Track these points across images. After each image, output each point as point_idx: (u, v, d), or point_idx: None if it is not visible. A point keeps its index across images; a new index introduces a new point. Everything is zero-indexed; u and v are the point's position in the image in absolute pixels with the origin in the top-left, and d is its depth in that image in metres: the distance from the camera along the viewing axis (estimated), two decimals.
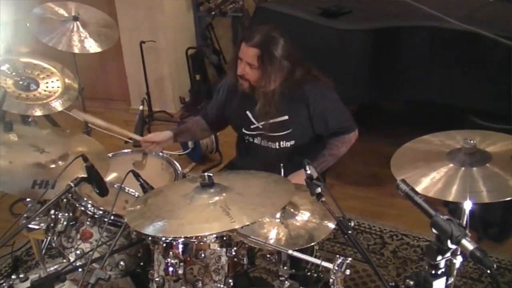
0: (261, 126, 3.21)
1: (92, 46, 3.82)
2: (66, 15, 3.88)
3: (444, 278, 1.80)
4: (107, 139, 5.09)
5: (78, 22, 3.83)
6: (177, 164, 3.38)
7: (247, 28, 5.00)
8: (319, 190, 2.34)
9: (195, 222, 1.98)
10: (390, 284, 2.00)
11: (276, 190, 2.21)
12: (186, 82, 5.69)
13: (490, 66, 3.85)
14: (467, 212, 2.12)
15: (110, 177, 3.01)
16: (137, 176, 2.44)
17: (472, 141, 2.30)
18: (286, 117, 3.14)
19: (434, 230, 1.74)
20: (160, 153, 3.48)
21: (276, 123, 3.16)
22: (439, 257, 1.78)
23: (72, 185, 2.37)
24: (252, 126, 3.24)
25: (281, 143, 3.20)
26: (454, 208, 3.05)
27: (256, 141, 3.28)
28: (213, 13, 5.51)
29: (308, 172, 2.36)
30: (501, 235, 3.85)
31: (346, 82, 3.33)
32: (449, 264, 2.33)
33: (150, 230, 2.02)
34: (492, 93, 3.92)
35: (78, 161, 2.78)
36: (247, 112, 3.23)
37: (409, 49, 4.02)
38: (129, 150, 3.50)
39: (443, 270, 1.80)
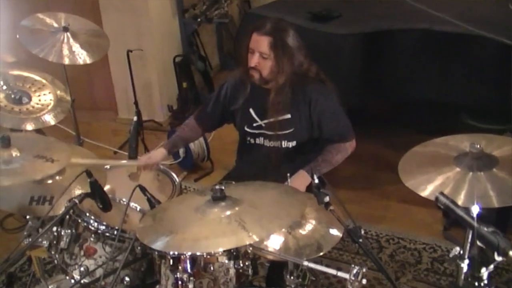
0: (263, 125, 3.21)
1: (83, 57, 3.77)
2: (56, 25, 3.82)
3: None
4: (97, 149, 5.09)
5: (68, 33, 3.78)
6: (174, 175, 3.35)
7: (236, 35, 4.97)
8: (327, 199, 2.32)
9: (211, 237, 1.94)
10: None
11: (289, 201, 2.18)
12: (173, 90, 5.64)
13: (481, 66, 3.87)
14: (475, 217, 2.12)
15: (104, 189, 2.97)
16: (144, 190, 2.40)
17: (479, 146, 2.30)
18: (289, 116, 3.13)
19: (478, 243, 1.72)
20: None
21: (278, 122, 3.15)
22: (483, 269, 1.76)
23: (77, 202, 2.34)
24: (254, 124, 3.24)
25: (283, 142, 3.19)
26: None
27: (258, 141, 3.27)
28: (199, 19, 5.48)
29: (316, 181, 2.34)
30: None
31: (339, 85, 3.32)
32: (457, 269, 2.33)
33: (165, 246, 1.99)
34: (483, 91, 3.94)
35: (73, 174, 2.77)
36: (251, 110, 3.23)
37: (400, 51, 4.03)
38: (125, 161, 3.47)
39: (486, 282, 1.78)
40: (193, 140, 4.16)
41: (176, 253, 2.18)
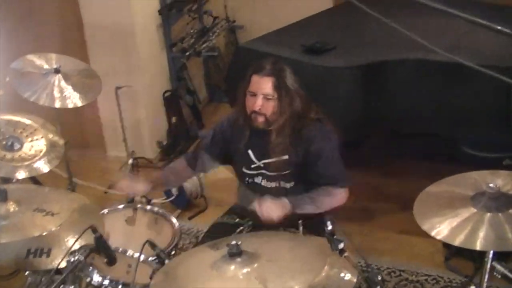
0: (262, 165, 3.14)
1: (75, 100, 3.68)
2: (46, 67, 3.75)
3: None
4: (88, 189, 4.99)
5: (60, 75, 3.70)
6: (174, 219, 3.28)
7: (228, 70, 4.91)
8: (341, 245, 2.26)
9: None
10: None
11: (309, 253, 2.10)
12: (163, 126, 5.56)
13: (477, 94, 3.82)
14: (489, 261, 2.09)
15: None
16: (153, 245, 2.31)
17: (495, 185, 2.26)
18: (286, 157, 3.06)
19: None
20: (156, 208, 3.38)
21: (276, 162, 3.09)
22: None
23: (82, 258, 2.24)
24: (252, 166, 3.17)
25: (281, 183, 3.12)
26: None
27: (256, 180, 3.19)
28: (187, 53, 5.41)
29: (329, 228, 2.28)
30: None
31: (336, 119, 3.26)
32: None
33: None
34: (481, 120, 3.90)
35: (69, 223, 2.68)
36: (249, 151, 3.16)
37: (397, 81, 3.97)
38: (122, 205, 3.38)
39: None
40: (185, 181, 4.06)
41: None
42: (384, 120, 4.14)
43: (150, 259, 2.65)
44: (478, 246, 2.18)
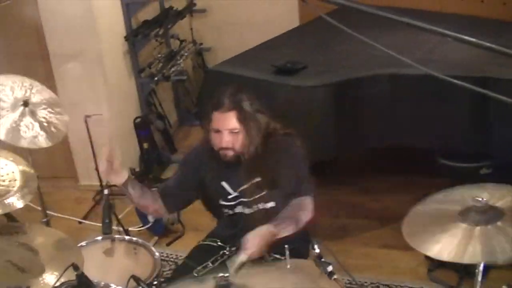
0: (238, 194, 3.08)
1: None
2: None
3: None
4: (62, 221, 4.90)
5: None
6: (153, 248, 3.22)
7: (199, 94, 4.87)
8: (330, 268, 2.25)
9: None
10: None
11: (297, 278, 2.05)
12: (135, 152, 5.50)
13: (452, 105, 3.83)
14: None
15: None
16: (138, 280, 2.26)
17: (482, 199, 2.24)
18: (259, 179, 3.02)
19: None
20: (134, 238, 3.32)
21: (250, 187, 3.03)
22: None
23: None
24: (229, 197, 3.09)
25: (260, 205, 3.06)
26: None
27: (237, 210, 3.12)
28: (156, 78, 5.36)
29: (317, 251, 2.26)
30: None
31: (310, 139, 3.22)
32: None
33: None
34: (457, 131, 3.91)
35: (47, 258, 2.62)
36: (223, 183, 3.09)
37: (371, 97, 3.96)
38: (100, 237, 3.31)
39: None
40: (151, 213, 3.84)
41: None
42: (360, 136, 4.12)
43: None
44: (468, 260, 2.16)
